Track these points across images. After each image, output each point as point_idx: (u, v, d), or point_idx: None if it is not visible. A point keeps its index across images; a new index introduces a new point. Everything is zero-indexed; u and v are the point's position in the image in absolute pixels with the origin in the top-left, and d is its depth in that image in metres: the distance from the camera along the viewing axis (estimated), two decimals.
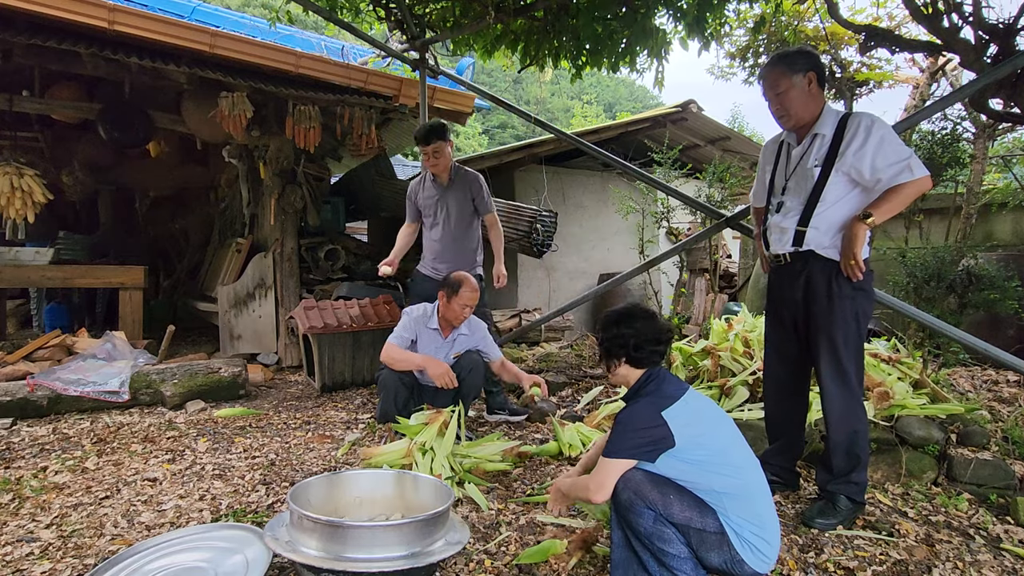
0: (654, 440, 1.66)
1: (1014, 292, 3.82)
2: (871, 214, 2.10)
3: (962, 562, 2.03)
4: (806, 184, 2.25)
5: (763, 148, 2.57)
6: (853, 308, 2.19)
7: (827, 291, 2.20)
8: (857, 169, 2.13)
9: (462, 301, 3.16)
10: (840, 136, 2.17)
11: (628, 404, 1.80)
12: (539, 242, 5.20)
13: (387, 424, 3.23)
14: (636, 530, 1.64)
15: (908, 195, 2.11)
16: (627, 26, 3.94)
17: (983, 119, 5.38)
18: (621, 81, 33.59)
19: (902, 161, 2.07)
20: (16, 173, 5.06)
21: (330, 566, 1.65)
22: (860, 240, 2.11)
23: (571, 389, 4.12)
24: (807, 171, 2.24)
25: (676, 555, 1.61)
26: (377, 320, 4.57)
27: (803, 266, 2.26)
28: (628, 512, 1.65)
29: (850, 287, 2.18)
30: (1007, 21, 2.86)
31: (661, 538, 1.61)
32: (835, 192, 2.19)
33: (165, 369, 4.12)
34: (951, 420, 2.88)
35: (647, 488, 1.63)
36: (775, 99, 2.26)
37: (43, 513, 2.37)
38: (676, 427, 1.66)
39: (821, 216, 2.22)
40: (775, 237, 2.36)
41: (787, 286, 2.34)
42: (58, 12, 4.07)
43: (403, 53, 4.69)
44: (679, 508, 1.62)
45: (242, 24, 6.85)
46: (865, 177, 2.13)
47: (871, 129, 2.11)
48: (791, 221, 2.28)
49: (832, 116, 2.22)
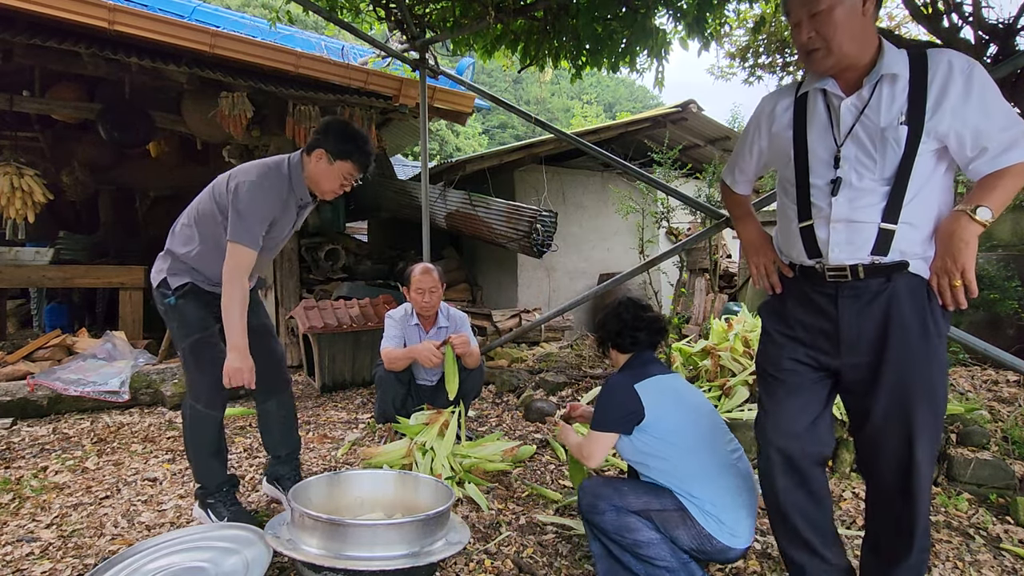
0: (628, 412, 1.78)
1: (1014, 292, 3.82)
2: (986, 207, 1.39)
3: (962, 562, 2.03)
4: (886, 153, 1.46)
5: (759, 107, 1.74)
6: (945, 353, 1.50)
7: (922, 328, 1.45)
8: (958, 133, 1.42)
9: (416, 286, 3.19)
10: (922, 81, 1.44)
11: (608, 380, 1.94)
12: (539, 242, 5.20)
13: (387, 424, 3.23)
14: (604, 529, 1.74)
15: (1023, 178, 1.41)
16: (627, 26, 3.94)
17: None
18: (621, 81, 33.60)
19: (1016, 127, 1.40)
20: (16, 173, 5.06)
21: (331, 564, 1.65)
22: (973, 246, 1.40)
23: (571, 389, 4.12)
24: (887, 131, 1.46)
25: (648, 542, 1.68)
26: (377, 320, 4.57)
27: (882, 287, 1.48)
28: (592, 515, 1.76)
29: (945, 323, 1.48)
30: (1007, 21, 2.86)
31: (628, 528, 1.69)
32: (924, 168, 1.46)
33: (165, 369, 4.12)
34: (951, 420, 2.88)
35: (602, 488, 1.77)
36: (809, 22, 1.47)
37: (43, 513, 2.37)
38: (646, 400, 1.78)
39: (914, 206, 1.46)
40: (838, 237, 1.51)
41: (849, 316, 1.51)
42: (58, 12, 4.07)
43: (403, 53, 4.68)
44: (634, 496, 1.73)
45: (242, 24, 6.85)
46: (966, 147, 1.43)
47: (971, 75, 1.41)
48: (870, 213, 1.48)
49: (898, 54, 1.47)
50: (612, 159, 4.62)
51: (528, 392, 4.04)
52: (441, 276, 3.29)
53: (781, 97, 1.68)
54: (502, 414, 3.79)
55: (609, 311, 2.00)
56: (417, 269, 3.24)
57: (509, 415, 3.76)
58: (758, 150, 1.75)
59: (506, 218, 5.37)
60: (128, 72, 4.76)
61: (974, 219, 1.39)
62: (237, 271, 2.09)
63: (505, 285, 7.05)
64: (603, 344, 2.03)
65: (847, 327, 1.51)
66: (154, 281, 2.27)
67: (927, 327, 1.45)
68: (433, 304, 3.22)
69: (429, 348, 3.03)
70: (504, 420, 3.67)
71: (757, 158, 1.77)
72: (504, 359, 5.11)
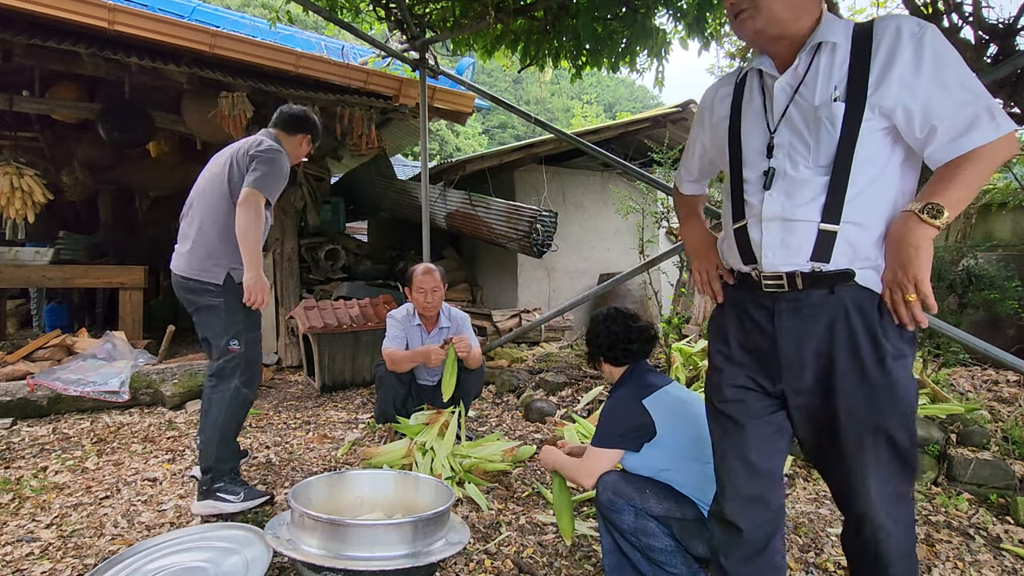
0: (636, 428, 1.72)
1: (1014, 292, 3.82)
2: (939, 206, 1.12)
3: (962, 562, 2.03)
4: (820, 136, 1.23)
5: (702, 99, 1.55)
6: (909, 378, 1.22)
7: (874, 350, 1.20)
8: (906, 109, 1.16)
9: (417, 286, 3.19)
10: (866, 50, 1.20)
11: (611, 394, 1.89)
12: (539, 242, 5.20)
13: (387, 424, 3.23)
14: (620, 528, 1.69)
15: (991, 166, 1.16)
16: (627, 26, 3.95)
17: None
18: (621, 81, 33.58)
19: (978, 102, 1.13)
20: (16, 173, 5.07)
21: (331, 564, 1.65)
22: (926, 253, 1.13)
23: (571, 389, 4.12)
24: (820, 110, 1.23)
25: (663, 548, 1.64)
26: (377, 320, 4.57)
27: (824, 300, 1.23)
28: (610, 512, 1.70)
29: (904, 342, 1.22)
30: (1007, 21, 2.86)
31: (645, 532, 1.65)
32: (872, 154, 1.20)
33: (165, 369, 4.12)
34: (951, 420, 2.88)
35: (624, 486, 1.70)
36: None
37: (43, 513, 2.37)
38: (657, 416, 1.72)
39: (862, 202, 1.21)
40: (771, 239, 1.28)
41: (787, 335, 1.28)
42: (58, 12, 4.07)
43: (403, 53, 4.68)
44: (656, 501, 1.67)
45: (242, 24, 6.85)
46: (914, 126, 1.17)
47: (922, 39, 1.16)
48: (808, 210, 1.23)
49: (840, 23, 1.25)
50: (612, 159, 4.62)
51: (528, 392, 4.04)
52: (443, 276, 3.29)
53: (722, 85, 1.47)
54: (502, 414, 3.79)
55: (598, 325, 1.94)
56: (419, 269, 3.24)
57: (509, 415, 3.76)
58: (700, 146, 1.57)
59: (506, 218, 5.37)
60: (128, 72, 4.76)
61: (923, 220, 1.13)
62: (253, 201, 2.33)
63: (505, 285, 7.05)
64: (594, 358, 1.95)
65: (785, 347, 1.27)
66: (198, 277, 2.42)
67: (880, 349, 1.19)
68: (435, 304, 3.22)
69: (434, 348, 3.05)
70: (504, 420, 3.67)
71: (700, 155, 1.59)
72: (504, 359, 5.11)
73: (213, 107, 4.83)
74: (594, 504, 1.77)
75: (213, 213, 2.46)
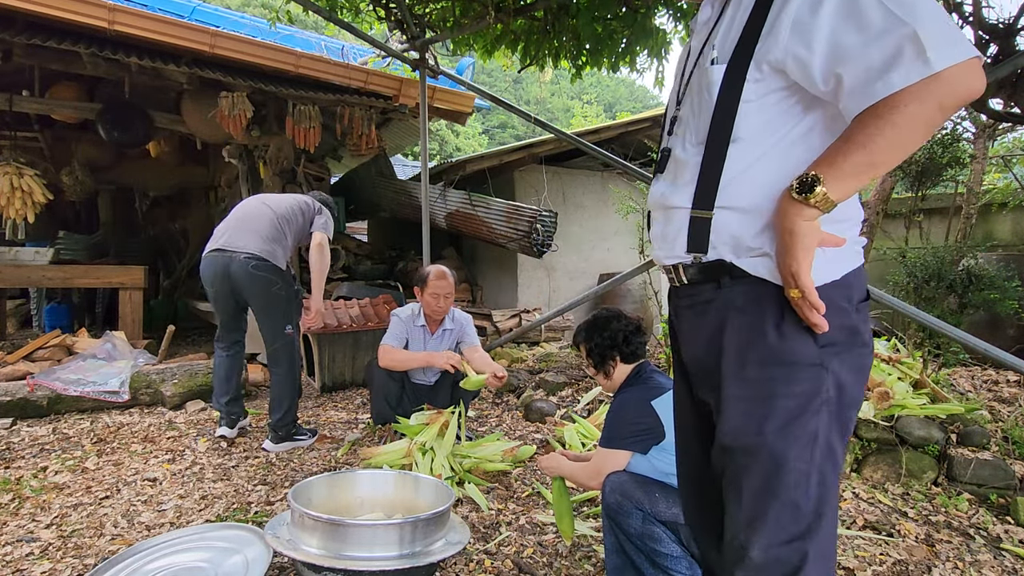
0: (645, 430, 1.70)
1: (1014, 292, 3.83)
2: (815, 178, 0.90)
3: (962, 562, 2.03)
4: (700, 105, 1.06)
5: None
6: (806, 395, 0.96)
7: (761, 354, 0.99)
8: (797, 57, 0.93)
9: (431, 290, 3.19)
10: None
11: (618, 394, 1.85)
12: (539, 242, 5.20)
13: (386, 424, 3.24)
14: (626, 531, 1.65)
15: (918, 118, 0.85)
16: (627, 26, 3.95)
17: (983, 119, 5.39)
18: (621, 81, 33.57)
19: (898, 29, 0.84)
20: (16, 173, 5.06)
21: (331, 564, 1.65)
22: (800, 239, 0.91)
23: (571, 389, 4.12)
24: (701, 74, 1.07)
25: (669, 554, 1.61)
26: (377, 320, 4.57)
27: (713, 295, 1.05)
28: (617, 514, 1.66)
29: (814, 347, 0.96)
30: (1007, 21, 2.86)
31: (651, 537, 1.61)
32: (764, 118, 0.99)
33: (165, 369, 4.12)
34: (951, 420, 2.88)
35: (632, 488, 1.65)
36: None
37: (43, 513, 2.37)
38: (666, 418, 1.68)
39: (744, 180, 1.00)
40: (655, 230, 1.16)
41: (685, 334, 1.15)
42: (58, 12, 4.07)
43: (403, 53, 4.69)
44: (665, 505, 1.62)
45: (242, 24, 6.84)
46: (814, 74, 0.92)
47: None
48: (684, 194, 1.07)
49: None
50: (612, 159, 4.62)
51: (528, 392, 4.04)
52: (456, 281, 3.31)
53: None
54: (502, 414, 3.79)
55: (609, 323, 1.88)
56: (434, 272, 3.23)
57: (509, 415, 3.76)
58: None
59: (506, 218, 5.37)
60: (128, 72, 4.76)
61: (796, 199, 0.91)
62: (324, 249, 3.20)
63: (505, 285, 7.05)
64: (605, 360, 1.86)
65: (685, 347, 1.14)
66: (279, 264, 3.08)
67: (769, 353, 0.97)
68: (444, 309, 3.25)
69: (449, 353, 3.09)
70: (504, 420, 3.67)
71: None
72: (504, 359, 5.10)
73: (213, 107, 4.83)
74: (600, 504, 1.75)
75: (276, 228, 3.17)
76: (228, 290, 3.05)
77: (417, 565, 1.68)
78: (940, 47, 0.82)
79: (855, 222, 1.02)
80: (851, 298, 0.98)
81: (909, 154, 0.90)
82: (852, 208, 1.00)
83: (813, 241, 0.91)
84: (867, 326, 1.02)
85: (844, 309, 0.97)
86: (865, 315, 1.02)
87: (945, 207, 6.06)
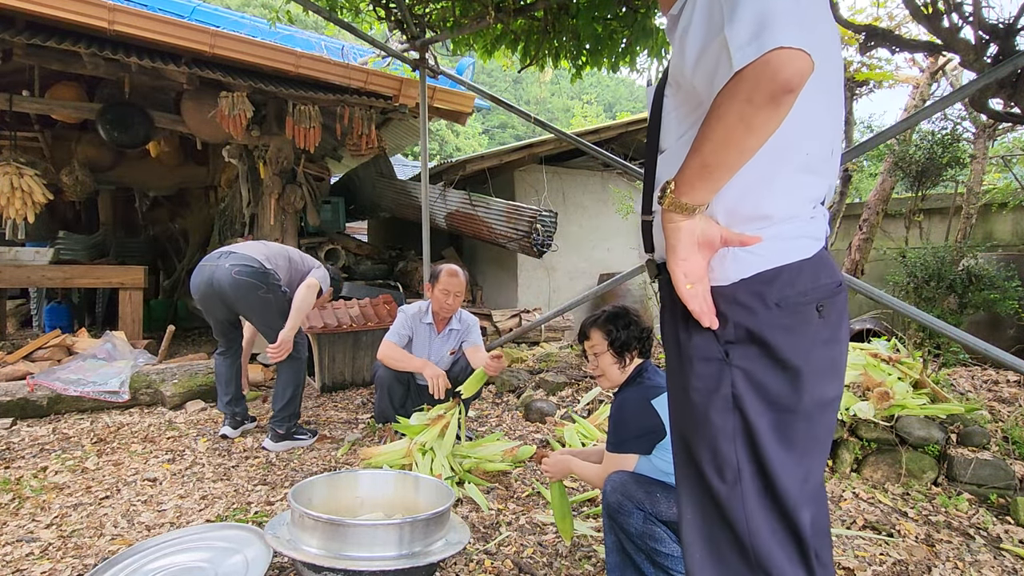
0: (647, 430, 1.70)
1: (1014, 292, 3.83)
2: (668, 183, 0.96)
3: (962, 562, 2.03)
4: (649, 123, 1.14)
5: None
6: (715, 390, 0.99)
7: (676, 347, 1.07)
8: (681, 72, 0.99)
9: (443, 286, 3.19)
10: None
11: (617, 395, 1.85)
12: (539, 242, 5.20)
13: (386, 424, 3.24)
14: (627, 531, 1.65)
15: (724, 117, 0.86)
16: (627, 26, 3.95)
17: (983, 119, 5.39)
18: (621, 81, 33.56)
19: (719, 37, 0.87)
20: (16, 173, 5.06)
21: (331, 564, 1.65)
22: (669, 239, 0.98)
23: (571, 389, 4.12)
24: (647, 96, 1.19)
25: (669, 554, 1.61)
26: (377, 320, 4.57)
27: (663, 291, 1.13)
28: (617, 514, 1.66)
29: (715, 343, 0.99)
30: (1007, 21, 2.86)
31: (652, 537, 1.61)
32: (680, 126, 1.05)
33: (165, 369, 4.12)
34: (951, 420, 2.88)
35: (634, 488, 1.65)
36: None
37: (43, 513, 2.37)
38: (666, 417, 1.66)
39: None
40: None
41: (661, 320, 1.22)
42: (58, 12, 4.07)
43: (403, 53, 4.68)
44: (666, 505, 1.62)
45: (242, 24, 6.84)
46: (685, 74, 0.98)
47: None
48: (639, 200, 1.16)
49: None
50: (612, 159, 4.62)
51: (528, 392, 4.04)
52: (468, 281, 3.32)
53: None
54: (502, 414, 3.79)
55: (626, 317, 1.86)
56: (447, 269, 3.25)
57: (509, 415, 3.76)
58: None
59: (506, 218, 5.37)
60: (128, 72, 4.75)
61: (660, 204, 0.97)
62: (313, 291, 3.13)
63: (505, 285, 7.05)
64: (628, 348, 1.83)
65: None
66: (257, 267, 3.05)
67: (680, 347, 1.04)
68: (453, 308, 3.26)
69: (442, 377, 3.01)
70: (504, 420, 3.67)
71: None
72: (504, 359, 5.10)
73: (213, 107, 4.83)
74: (600, 504, 1.74)
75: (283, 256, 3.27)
76: (216, 299, 3.07)
77: (417, 565, 1.68)
78: (743, 45, 0.83)
79: (778, 220, 0.98)
80: (765, 295, 0.97)
81: (743, 152, 0.88)
82: (771, 206, 0.98)
83: (682, 241, 0.95)
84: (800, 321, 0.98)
85: (748, 307, 0.97)
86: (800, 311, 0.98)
87: (945, 207, 6.06)
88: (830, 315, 1.00)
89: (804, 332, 0.98)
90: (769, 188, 0.97)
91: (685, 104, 1.03)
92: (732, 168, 0.90)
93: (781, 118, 0.85)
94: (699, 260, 0.97)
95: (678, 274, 0.97)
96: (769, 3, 0.83)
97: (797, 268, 0.99)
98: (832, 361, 1.02)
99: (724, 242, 0.97)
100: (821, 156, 1.01)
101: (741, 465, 0.97)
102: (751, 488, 0.97)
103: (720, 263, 0.99)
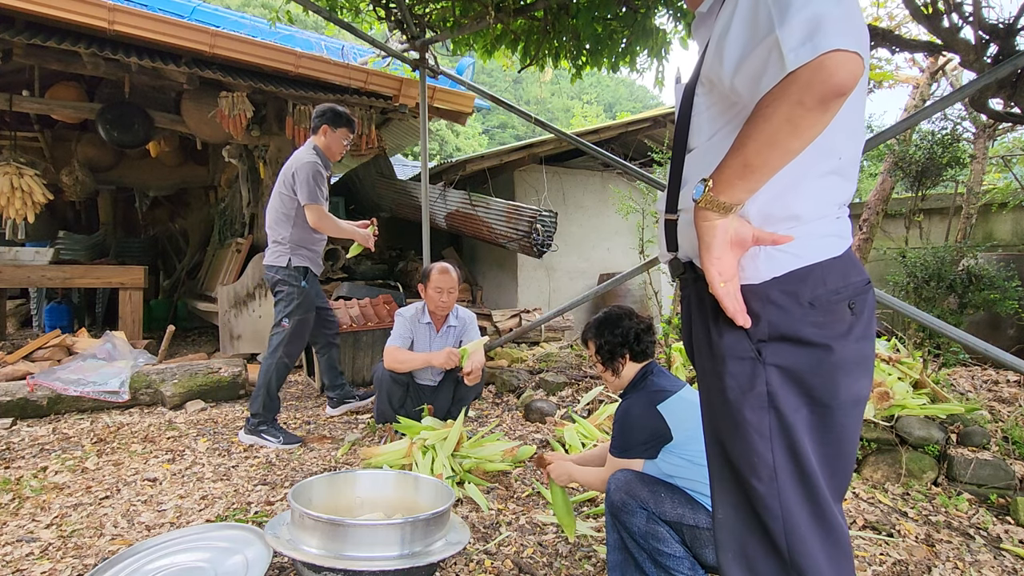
0: (653, 435, 1.69)
1: (1014, 292, 3.83)
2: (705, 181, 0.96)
3: (962, 562, 2.03)
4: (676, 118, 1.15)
5: None
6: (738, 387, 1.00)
7: (708, 347, 1.05)
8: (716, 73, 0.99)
9: (434, 284, 3.20)
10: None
11: (623, 399, 1.84)
12: (539, 242, 5.20)
13: (386, 424, 3.24)
14: (630, 530, 1.65)
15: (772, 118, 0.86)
16: (627, 26, 3.95)
17: (983, 119, 5.39)
18: (621, 81, 33.58)
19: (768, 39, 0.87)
20: (16, 173, 5.07)
21: (331, 564, 1.65)
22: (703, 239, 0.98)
23: (571, 389, 4.12)
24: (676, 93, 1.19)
25: (672, 554, 1.60)
26: (377, 320, 4.57)
27: (687, 290, 1.15)
28: (621, 512, 1.66)
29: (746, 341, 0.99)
30: (1007, 21, 2.86)
31: (655, 537, 1.61)
32: (709, 129, 1.06)
33: (165, 369, 4.12)
34: (951, 420, 2.88)
35: (638, 487, 1.65)
36: None
37: (43, 513, 2.37)
38: (672, 422, 1.68)
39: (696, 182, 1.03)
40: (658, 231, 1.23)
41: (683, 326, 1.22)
42: (58, 12, 4.07)
43: (403, 53, 4.68)
44: (671, 505, 1.62)
45: (242, 24, 6.84)
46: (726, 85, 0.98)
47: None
48: (662, 199, 1.18)
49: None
50: (612, 159, 4.62)
51: (528, 392, 4.04)
52: (459, 278, 3.32)
53: None
54: (502, 414, 3.79)
55: (620, 321, 1.87)
56: (437, 268, 3.25)
57: (509, 415, 3.76)
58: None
59: (506, 218, 5.38)
60: (128, 72, 4.76)
61: (695, 203, 0.98)
62: (322, 218, 3.15)
63: (505, 285, 7.05)
64: (614, 357, 1.85)
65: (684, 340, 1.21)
66: (278, 263, 3.19)
67: (712, 346, 1.04)
68: (448, 305, 3.25)
69: (450, 351, 3.07)
70: (504, 420, 3.67)
71: None
72: (504, 359, 5.10)
73: (213, 107, 4.84)
74: (600, 504, 1.74)
75: (273, 213, 3.25)
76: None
77: (417, 565, 1.68)
78: (796, 47, 0.83)
79: (807, 220, 0.99)
80: (798, 294, 0.97)
81: (787, 154, 0.89)
82: (800, 206, 0.99)
83: (717, 240, 0.96)
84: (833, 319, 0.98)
85: (781, 306, 0.98)
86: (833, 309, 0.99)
87: (945, 207, 6.06)
88: (862, 312, 1.01)
89: (838, 329, 0.98)
90: (799, 190, 0.98)
91: (718, 104, 1.04)
92: (774, 169, 0.91)
93: (827, 122, 0.86)
94: (731, 259, 0.97)
95: (713, 272, 0.97)
96: (822, 6, 0.83)
97: (828, 266, 0.99)
98: (864, 357, 1.02)
99: (756, 241, 0.98)
100: (852, 160, 1.02)
101: (777, 463, 0.97)
102: (788, 486, 0.97)
103: (752, 261, 0.99)
